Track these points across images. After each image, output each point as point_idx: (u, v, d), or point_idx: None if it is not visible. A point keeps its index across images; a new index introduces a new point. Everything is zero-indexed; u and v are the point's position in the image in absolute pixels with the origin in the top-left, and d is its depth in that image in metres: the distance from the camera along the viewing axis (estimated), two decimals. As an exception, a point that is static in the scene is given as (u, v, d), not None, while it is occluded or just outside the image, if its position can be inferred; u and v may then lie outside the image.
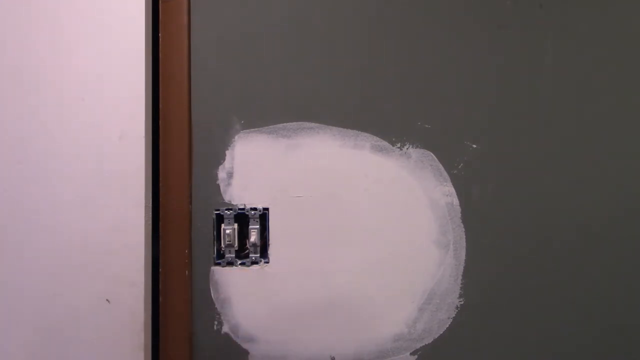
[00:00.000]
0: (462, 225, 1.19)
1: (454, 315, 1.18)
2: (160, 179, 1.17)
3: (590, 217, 1.19)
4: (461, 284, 1.18)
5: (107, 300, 1.11)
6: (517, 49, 1.21)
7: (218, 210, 1.18)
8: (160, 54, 1.19)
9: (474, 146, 1.19)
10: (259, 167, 1.18)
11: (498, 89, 1.20)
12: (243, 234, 1.19)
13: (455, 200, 1.19)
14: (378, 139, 1.19)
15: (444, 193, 1.19)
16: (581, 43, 1.21)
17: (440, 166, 1.19)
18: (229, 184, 1.18)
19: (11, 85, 1.13)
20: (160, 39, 1.19)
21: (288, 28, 1.20)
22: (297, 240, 1.18)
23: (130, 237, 1.12)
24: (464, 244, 1.18)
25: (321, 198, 1.18)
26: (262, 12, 1.20)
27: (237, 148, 1.18)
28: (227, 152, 1.18)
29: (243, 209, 1.18)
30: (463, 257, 1.18)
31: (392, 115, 1.19)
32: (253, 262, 1.18)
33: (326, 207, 1.18)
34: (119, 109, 1.13)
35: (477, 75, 1.20)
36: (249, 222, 1.18)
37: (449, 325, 1.18)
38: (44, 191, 1.12)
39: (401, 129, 1.19)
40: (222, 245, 1.18)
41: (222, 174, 1.18)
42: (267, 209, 1.18)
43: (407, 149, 1.19)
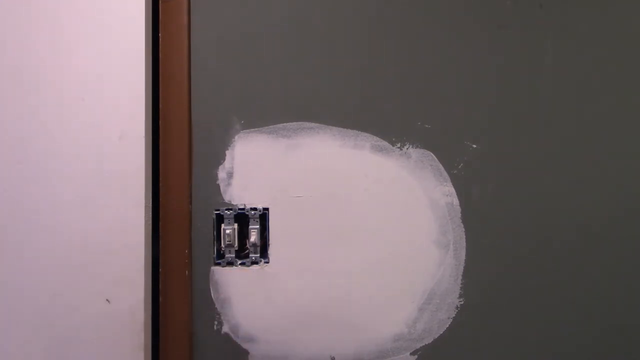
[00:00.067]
0: (462, 225, 1.19)
1: (454, 315, 1.18)
2: (160, 179, 1.17)
3: (590, 217, 1.19)
4: (461, 284, 1.18)
5: (107, 300, 1.11)
6: (517, 49, 1.21)
7: (218, 210, 1.18)
8: (160, 54, 1.19)
9: (474, 146, 1.19)
10: (259, 167, 1.18)
11: (498, 89, 1.20)
12: (243, 234, 1.19)
13: (455, 200, 1.19)
14: (378, 139, 1.19)
15: (444, 193, 1.19)
16: (581, 43, 1.21)
17: (440, 166, 1.19)
18: (229, 184, 1.18)
19: (11, 85, 1.13)
20: (160, 39, 1.19)
21: (288, 28, 1.20)
22: (297, 240, 1.18)
23: (130, 237, 1.12)
24: (464, 244, 1.18)
25: (321, 198, 1.18)
26: (262, 12, 1.20)
27: (237, 148, 1.18)
28: (227, 152, 1.18)
29: (243, 209, 1.18)
30: (463, 257, 1.18)
31: (392, 115, 1.19)
32: (253, 262, 1.18)
33: (326, 207, 1.18)
34: (119, 109, 1.13)
35: (477, 75, 1.20)
36: (249, 222, 1.18)
37: (449, 325, 1.18)
38: (44, 191, 1.12)
39: (401, 129, 1.19)
40: (222, 245, 1.18)
41: (222, 174, 1.18)
42: (267, 209, 1.18)
43: (407, 149, 1.19)
